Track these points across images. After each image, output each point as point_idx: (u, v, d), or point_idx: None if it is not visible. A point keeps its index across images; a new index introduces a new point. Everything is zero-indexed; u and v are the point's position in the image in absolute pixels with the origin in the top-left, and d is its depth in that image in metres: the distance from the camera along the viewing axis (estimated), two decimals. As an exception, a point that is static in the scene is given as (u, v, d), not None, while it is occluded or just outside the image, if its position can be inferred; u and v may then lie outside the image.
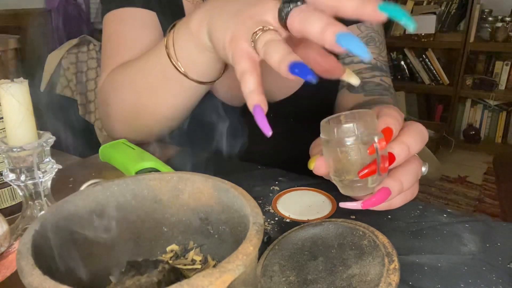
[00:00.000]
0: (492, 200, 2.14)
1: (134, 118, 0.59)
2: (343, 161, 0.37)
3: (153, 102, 0.56)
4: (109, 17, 0.65)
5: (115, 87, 0.60)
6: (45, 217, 0.27)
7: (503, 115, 2.71)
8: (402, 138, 0.38)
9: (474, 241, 0.40)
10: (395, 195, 0.38)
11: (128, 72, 0.58)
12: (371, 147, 0.35)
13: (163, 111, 0.57)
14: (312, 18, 0.33)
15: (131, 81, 0.57)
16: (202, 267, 0.33)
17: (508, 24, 2.49)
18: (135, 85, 0.56)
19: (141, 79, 0.55)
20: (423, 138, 0.39)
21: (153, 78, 0.54)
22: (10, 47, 1.49)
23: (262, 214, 0.26)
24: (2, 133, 0.43)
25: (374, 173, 0.36)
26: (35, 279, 0.21)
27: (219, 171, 0.46)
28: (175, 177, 0.32)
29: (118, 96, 0.59)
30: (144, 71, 0.55)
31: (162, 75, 0.52)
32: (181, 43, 0.48)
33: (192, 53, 0.48)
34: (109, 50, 0.65)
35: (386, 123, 0.38)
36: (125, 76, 0.58)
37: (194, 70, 0.50)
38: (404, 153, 0.37)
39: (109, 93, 0.61)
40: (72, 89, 1.79)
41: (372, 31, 0.70)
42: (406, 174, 0.38)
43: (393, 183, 0.37)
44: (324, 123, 0.38)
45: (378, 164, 0.35)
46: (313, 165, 0.41)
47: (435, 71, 2.79)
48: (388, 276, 0.31)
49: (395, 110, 0.40)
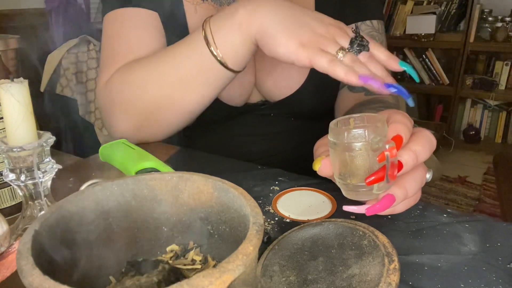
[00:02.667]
0: (492, 200, 2.14)
1: (150, 115, 0.60)
2: (350, 165, 0.36)
3: (181, 94, 0.58)
4: (109, 17, 0.65)
5: (130, 84, 0.60)
6: (45, 217, 0.27)
7: (503, 115, 2.71)
8: (411, 146, 0.38)
9: (474, 241, 0.40)
10: (399, 202, 0.38)
11: (149, 67, 0.58)
12: (381, 155, 0.35)
13: (189, 104, 0.59)
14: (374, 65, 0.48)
15: (155, 76, 0.58)
16: (202, 267, 0.33)
17: (508, 24, 2.49)
18: (161, 80, 0.57)
19: (169, 73, 0.57)
20: (432, 146, 0.39)
21: (185, 70, 0.56)
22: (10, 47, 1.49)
23: (262, 214, 0.26)
24: (2, 133, 0.43)
25: (381, 180, 0.35)
26: (35, 279, 0.21)
27: (219, 171, 0.46)
28: (175, 177, 0.32)
29: (135, 93, 0.59)
30: (175, 64, 0.56)
31: (197, 66, 0.55)
32: (223, 35, 0.52)
33: (234, 43, 0.52)
34: (110, 49, 0.65)
35: (397, 131, 0.37)
36: (144, 72, 0.59)
37: (232, 59, 0.54)
38: (413, 161, 0.37)
39: (121, 91, 0.60)
40: (72, 89, 1.79)
41: (372, 29, 0.70)
42: (411, 181, 0.38)
43: (398, 190, 0.37)
44: (333, 126, 0.38)
45: (387, 172, 0.35)
46: (318, 167, 0.41)
47: (435, 71, 2.79)
48: (388, 276, 0.31)
49: (405, 116, 0.40)
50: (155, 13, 0.65)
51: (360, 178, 0.36)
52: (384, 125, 0.37)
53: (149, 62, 0.59)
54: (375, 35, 0.70)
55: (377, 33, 0.71)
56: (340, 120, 0.39)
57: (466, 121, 2.82)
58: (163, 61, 0.57)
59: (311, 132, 0.69)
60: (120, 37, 0.64)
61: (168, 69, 0.57)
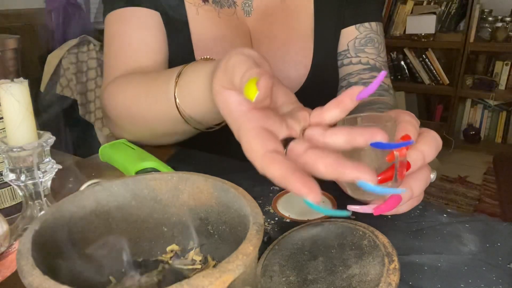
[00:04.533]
0: (492, 200, 2.14)
1: (139, 128, 0.60)
2: None
3: (160, 130, 0.57)
4: (111, 17, 0.65)
5: (118, 98, 0.59)
6: (45, 217, 0.27)
7: (503, 115, 2.71)
8: (419, 146, 0.38)
9: (474, 241, 0.40)
10: (405, 202, 0.38)
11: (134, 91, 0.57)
12: (391, 154, 0.35)
13: (170, 137, 0.59)
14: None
15: (137, 103, 0.56)
16: (202, 267, 0.33)
17: (508, 24, 2.49)
18: (139, 110, 0.56)
19: (147, 107, 0.55)
20: (438, 147, 0.39)
21: (157, 112, 0.54)
22: (10, 47, 1.49)
23: (262, 214, 0.26)
24: (2, 133, 0.43)
25: (390, 179, 0.35)
26: (35, 279, 0.21)
27: (219, 171, 0.46)
28: (175, 177, 0.32)
29: (120, 107, 0.59)
30: (150, 102, 0.54)
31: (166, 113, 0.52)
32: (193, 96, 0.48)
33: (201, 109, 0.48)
34: (112, 50, 0.65)
35: (406, 130, 0.37)
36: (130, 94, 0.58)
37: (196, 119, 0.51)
38: (420, 161, 0.37)
39: (110, 101, 0.61)
40: (72, 89, 1.79)
41: (371, 31, 0.70)
42: (416, 181, 0.38)
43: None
44: (341, 124, 0.38)
45: (395, 172, 0.35)
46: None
47: (435, 71, 2.79)
48: (388, 276, 0.31)
49: (413, 116, 0.40)
50: (156, 12, 0.65)
51: None
52: (394, 125, 0.37)
53: (137, 84, 0.58)
54: (373, 37, 0.70)
55: (375, 35, 0.71)
56: (347, 119, 0.38)
57: (466, 121, 2.83)
58: (144, 93, 0.55)
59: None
60: (122, 37, 0.64)
61: (145, 103, 0.55)
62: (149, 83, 0.56)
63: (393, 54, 2.82)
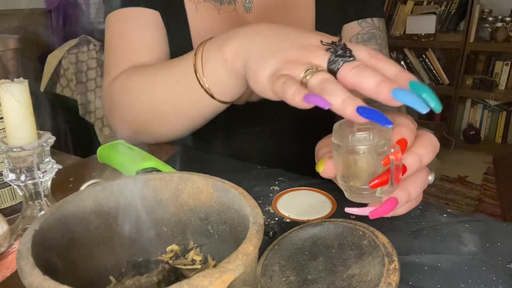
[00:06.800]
0: (492, 200, 2.14)
1: (149, 122, 0.59)
2: (354, 168, 0.36)
3: (174, 114, 0.56)
4: (112, 17, 0.65)
5: (128, 91, 0.59)
6: (45, 217, 0.27)
7: (503, 115, 2.71)
8: (415, 149, 0.38)
9: (474, 241, 0.40)
10: (402, 205, 0.38)
11: (147, 81, 0.57)
12: (386, 159, 0.35)
13: (182, 125, 0.58)
14: (366, 73, 0.35)
15: (151, 90, 0.57)
16: (202, 267, 0.33)
17: (508, 24, 2.49)
18: (156, 95, 0.56)
19: (163, 91, 0.55)
20: (435, 149, 0.39)
21: (176, 92, 0.54)
22: (10, 47, 1.49)
23: (262, 214, 0.26)
24: (2, 133, 0.43)
25: (385, 183, 0.35)
26: (35, 279, 0.21)
27: (219, 171, 0.46)
28: (175, 177, 0.32)
29: (132, 101, 0.59)
30: (168, 84, 0.55)
31: (188, 92, 0.53)
32: (211, 66, 0.50)
33: (222, 77, 0.49)
34: (113, 50, 0.65)
35: (401, 134, 0.37)
36: (142, 84, 0.58)
37: (220, 92, 0.51)
38: (416, 164, 0.37)
39: (120, 96, 0.60)
40: (72, 89, 1.79)
41: (373, 27, 0.70)
42: (414, 184, 0.38)
43: (401, 193, 0.37)
44: (337, 127, 0.38)
45: (391, 176, 0.35)
46: (322, 168, 0.40)
47: (435, 71, 2.79)
48: (388, 276, 0.31)
49: (409, 119, 0.40)
50: (156, 12, 0.65)
51: (364, 181, 0.36)
52: (390, 128, 0.37)
53: (147, 74, 0.58)
54: (376, 33, 0.70)
55: (378, 31, 0.70)
56: (344, 122, 0.38)
57: (466, 121, 2.82)
58: (158, 78, 0.56)
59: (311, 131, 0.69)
60: (123, 36, 0.64)
61: (162, 88, 0.56)
62: (164, 65, 0.57)
63: (393, 54, 2.81)
